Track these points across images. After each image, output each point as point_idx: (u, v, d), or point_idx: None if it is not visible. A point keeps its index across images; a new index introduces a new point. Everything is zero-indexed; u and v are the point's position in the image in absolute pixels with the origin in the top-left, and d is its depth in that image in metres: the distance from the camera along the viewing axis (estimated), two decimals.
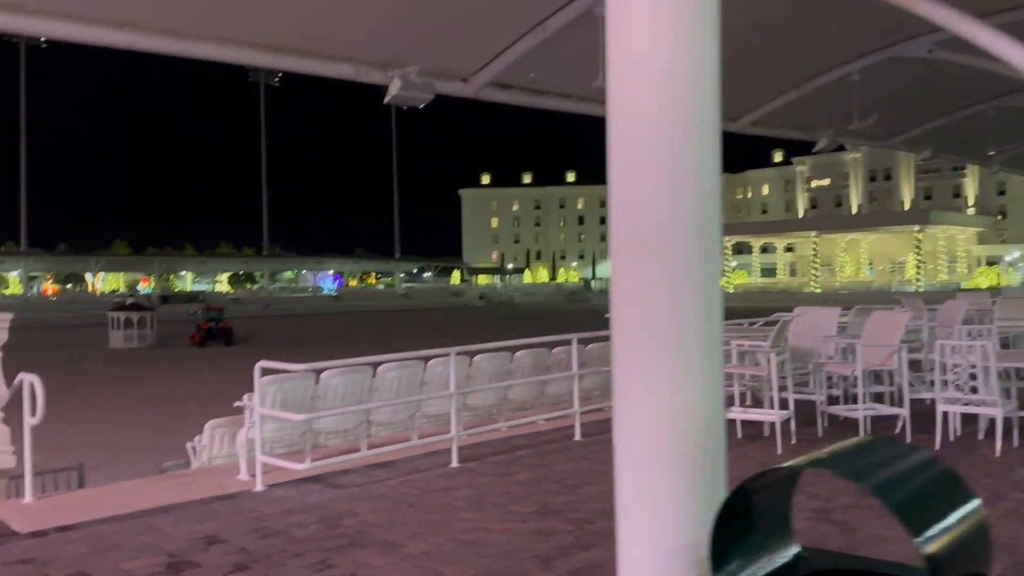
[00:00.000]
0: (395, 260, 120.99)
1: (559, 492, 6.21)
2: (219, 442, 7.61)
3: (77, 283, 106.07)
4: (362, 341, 47.34)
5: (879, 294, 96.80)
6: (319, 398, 7.21)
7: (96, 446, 18.66)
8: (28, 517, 5.81)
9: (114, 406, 24.86)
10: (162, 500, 6.16)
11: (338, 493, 6.35)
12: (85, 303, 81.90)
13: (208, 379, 31.35)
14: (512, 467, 7.09)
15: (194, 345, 46.19)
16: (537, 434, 8.49)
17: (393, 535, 5.23)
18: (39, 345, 51.85)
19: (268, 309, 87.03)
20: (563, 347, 9.40)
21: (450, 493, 6.25)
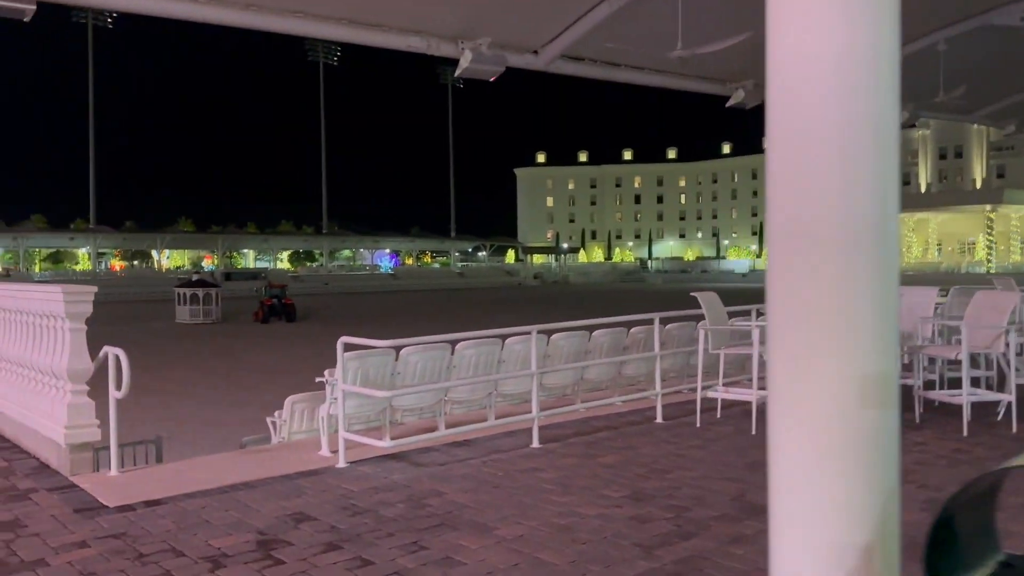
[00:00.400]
0: (450, 239, 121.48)
1: (649, 477, 5.99)
2: (299, 417, 7.57)
3: (143, 260, 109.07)
4: (422, 319, 47.62)
5: (948, 276, 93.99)
6: (398, 375, 7.09)
7: (168, 419, 19.07)
8: (115, 490, 5.82)
9: (183, 379, 25.42)
10: (247, 475, 6.12)
11: (421, 472, 6.23)
12: (151, 279, 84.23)
13: (273, 354, 31.88)
14: (595, 449, 6.89)
15: (257, 321, 47.06)
16: (616, 415, 8.27)
17: (483, 517, 5.08)
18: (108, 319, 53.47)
19: (327, 287, 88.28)
20: (640, 327, 9.14)
21: (535, 475, 6.07)
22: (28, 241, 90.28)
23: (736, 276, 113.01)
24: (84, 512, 5.30)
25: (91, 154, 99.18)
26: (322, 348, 37.62)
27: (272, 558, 4.44)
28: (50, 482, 6.07)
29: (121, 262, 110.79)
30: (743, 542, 4.59)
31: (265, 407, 21.80)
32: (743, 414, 8.28)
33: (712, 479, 5.91)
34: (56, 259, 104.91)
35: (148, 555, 4.51)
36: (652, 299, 72.37)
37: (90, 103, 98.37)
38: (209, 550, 4.58)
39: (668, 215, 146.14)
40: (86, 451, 6.34)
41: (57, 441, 6.35)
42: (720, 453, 6.72)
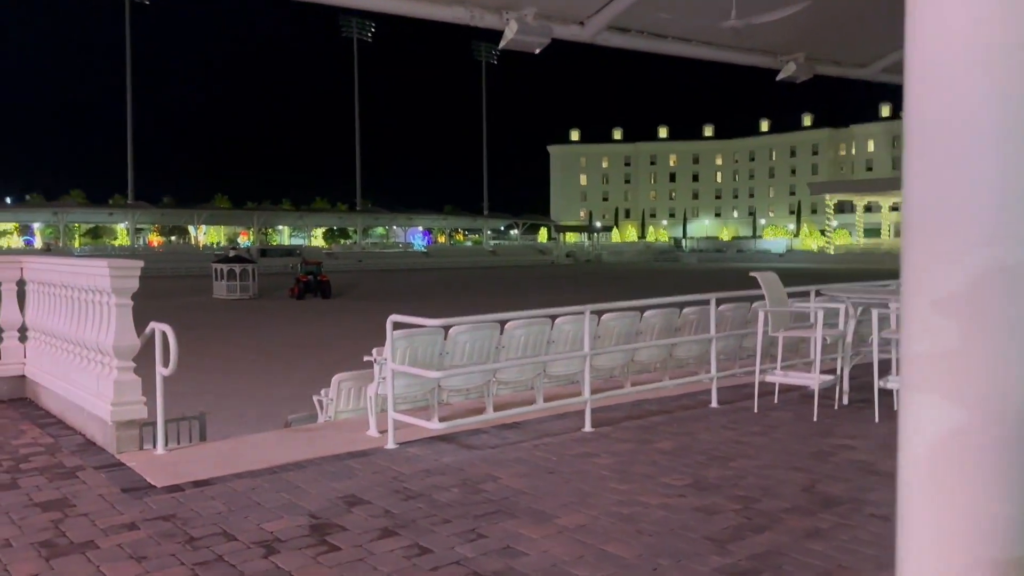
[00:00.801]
0: (483, 217, 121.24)
1: (710, 465, 5.74)
2: (346, 396, 7.42)
3: (181, 235, 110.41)
4: (457, 298, 47.63)
5: None
6: (447, 354, 6.90)
7: (208, 393, 19.18)
8: (162, 470, 5.71)
9: (222, 354, 25.61)
10: (295, 455, 5.98)
11: (473, 455, 6.05)
12: (188, 255, 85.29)
13: (310, 330, 32.04)
14: (650, 434, 6.65)
15: (293, 297, 47.42)
16: (668, 399, 8.01)
17: (541, 504, 4.87)
18: (147, 294, 54.04)
19: (361, 263, 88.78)
20: (692, 308, 8.85)
21: (591, 460, 5.85)
22: (68, 216, 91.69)
23: (773, 256, 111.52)
24: (132, 492, 5.19)
25: (129, 129, 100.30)
26: (358, 325, 38.00)
27: (327, 543, 4.28)
28: (97, 460, 5.98)
29: (159, 237, 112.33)
30: (821, 537, 4.33)
31: (304, 382, 21.93)
32: (801, 399, 7.98)
33: (778, 468, 5.65)
34: (95, 234, 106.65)
35: (199, 539, 4.37)
36: (690, 279, 71.56)
37: (127, 79, 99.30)
38: (261, 534, 4.43)
39: (704, 193, 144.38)
40: (132, 428, 6.25)
41: (103, 418, 6.26)
42: (782, 440, 6.45)
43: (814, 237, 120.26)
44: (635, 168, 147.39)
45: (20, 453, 6.17)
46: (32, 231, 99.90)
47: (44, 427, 7.02)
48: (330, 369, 24.82)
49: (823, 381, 7.13)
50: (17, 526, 4.60)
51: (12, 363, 8.30)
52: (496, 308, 7.54)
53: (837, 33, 12.03)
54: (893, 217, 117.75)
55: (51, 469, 5.74)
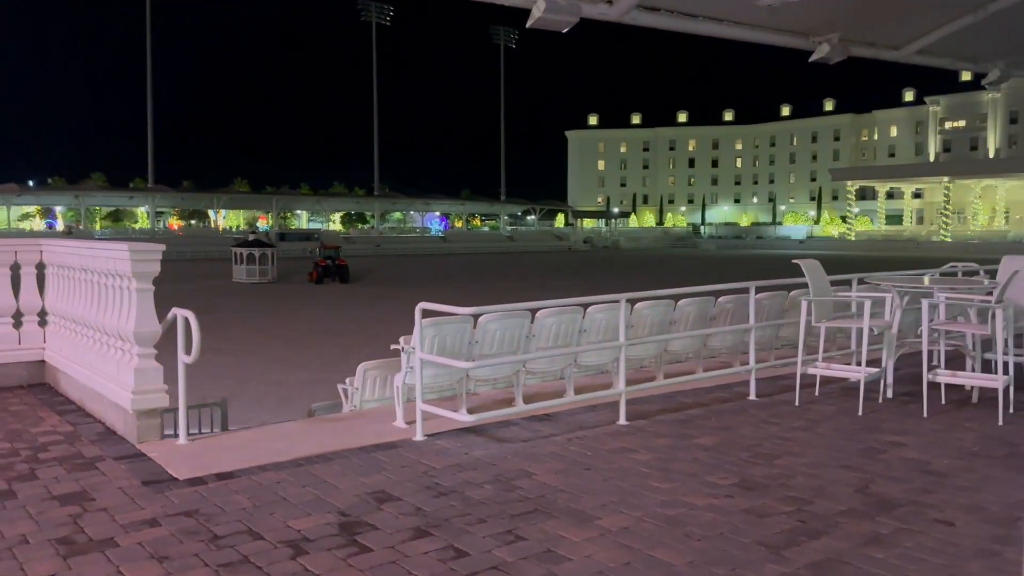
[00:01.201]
0: (500, 202, 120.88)
1: (755, 462, 5.47)
2: (371, 385, 7.20)
3: (200, 219, 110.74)
4: (476, 283, 47.45)
5: (1016, 245, 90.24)
6: (476, 343, 6.65)
7: (227, 378, 19.10)
8: (184, 461, 5.51)
9: (242, 339, 25.55)
10: (321, 447, 5.77)
11: (504, 448, 5.81)
12: (208, 239, 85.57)
13: (329, 315, 31.96)
14: (688, 429, 6.38)
15: (312, 281, 47.40)
16: (703, 391, 7.73)
17: (580, 504, 4.63)
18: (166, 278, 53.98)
19: (379, 248, 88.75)
20: (728, 296, 8.54)
21: (628, 456, 5.60)
22: (89, 199, 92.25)
23: (793, 243, 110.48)
24: (153, 485, 5.00)
25: (149, 113, 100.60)
26: (377, 310, 37.88)
27: (357, 544, 4.06)
28: (117, 450, 5.80)
29: (179, 221, 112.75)
30: (882, 544, 4.06)
31: (323, 368, 21.85)
32: (842, 392, 7.68)
33: (827, 467, 5.37)
34: (116, 217, 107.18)
35: (223, 537, 4.16)
36: (710, 266, 70.87)
37: (147, 63, 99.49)
38: (288, 533, 4.22)
39: (723, 179, 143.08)
40: (154, 418, 6.05)
41: (123, 407, 6.07)
42: (828, 436, 6.16)
43: (835, 224, 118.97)
44: (654, 153, 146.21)
45: (39, 442, 5.99)
46: (54, 214, 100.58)
47: (63, 414, 6.85)
48: (349, 355, 24.77)
49: (869, 374, 6.82)
50: (35, 521, 4.41)
51: (31, 348, 8.14)
52: (516, 294, 7.32)
53: (872, 14, 11.62)
54: (915, 204, 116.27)
55: (70, 459, 5.56)
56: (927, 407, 6.80)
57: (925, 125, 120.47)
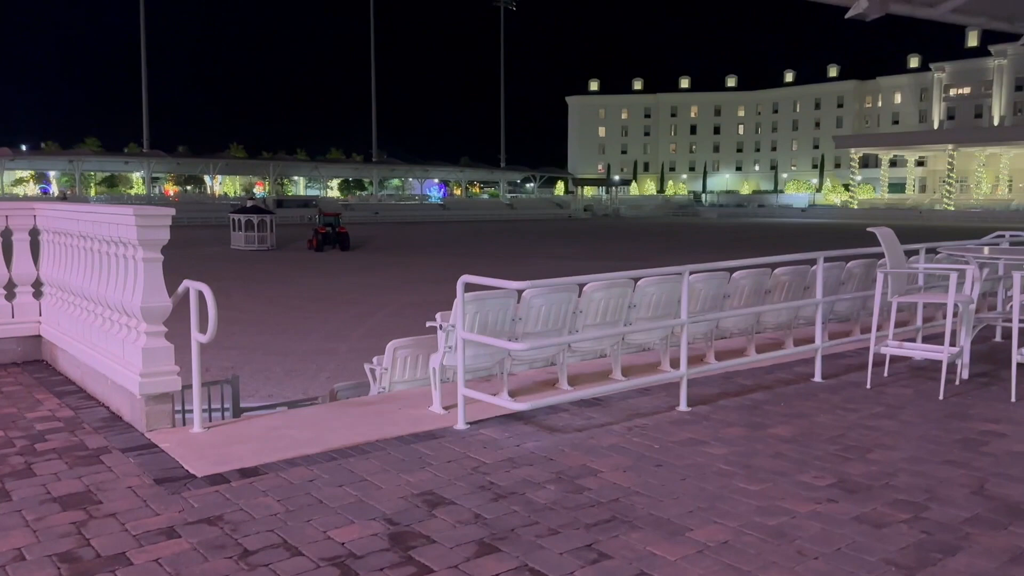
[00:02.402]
0: (500, 169, 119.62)
1: (846, 457, 4.85)
2: (401, 365, 6.56)
3: (196, 185, 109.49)
4: (480, 251, 46.78)
5: (1019, 214, 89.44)
6: (519, 320, 6.00)
7: (234, 347, 18.50)
8: (201, 453, 4.88)
9: (245, 307, 24.89)
10: (353, 436, 5.14)
11: (558, 440, 5.18)
12: (205, 205, 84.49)
13: (332, 283, 31.31)
14: (758, 416, 5.75)
15: (312, 249, 46.69)
16: (760, 371, 7.11)
17: (663, 510, 4.01)
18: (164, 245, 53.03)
19: (377, 215, 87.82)
20: (785, 268, 7.89)
21: (701, 450, 4.97)
22: (83, 164, 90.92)
23: (795, 211, 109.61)
24: (168, 484, 4.37)
25: (144, 77, 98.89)
26: (380, 278, 37.17)
27: (414, 563, 3.44)
28: (124, 439, 5.17)
29: (174, 187, 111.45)
30: None
31: (330, 336, 21.20)
32: (913, 373, 7.06)
33: (928, 462, 4.75)
34: (111, 183, 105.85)
35: (255, 552, 3.54)
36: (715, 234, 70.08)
37: (141, 25, 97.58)
38: (331, 547, 3.59)
39: (725, 147, 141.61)
40: (165, 402, 5.41)
41: (131, 390, 5.43)
42: (916, 424, 5.54)
43: (837, 192, 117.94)
44: (655, 120, 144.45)
45: (36, 430, 5.36)
46: (48, 180, 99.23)
47: (62, 396, 6.21)
48: (354, 324, 24.16)
49: (953, 353, 6.19)
50: (32, 530, 3.78)
51: (26, 321, 7.48)
52: (525, 260, 6.66)
53: None
54: (919, 172, 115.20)
55: (71, 451, 4.93)
56: (1016, 391, 6.18)
57: (929, 92, 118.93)
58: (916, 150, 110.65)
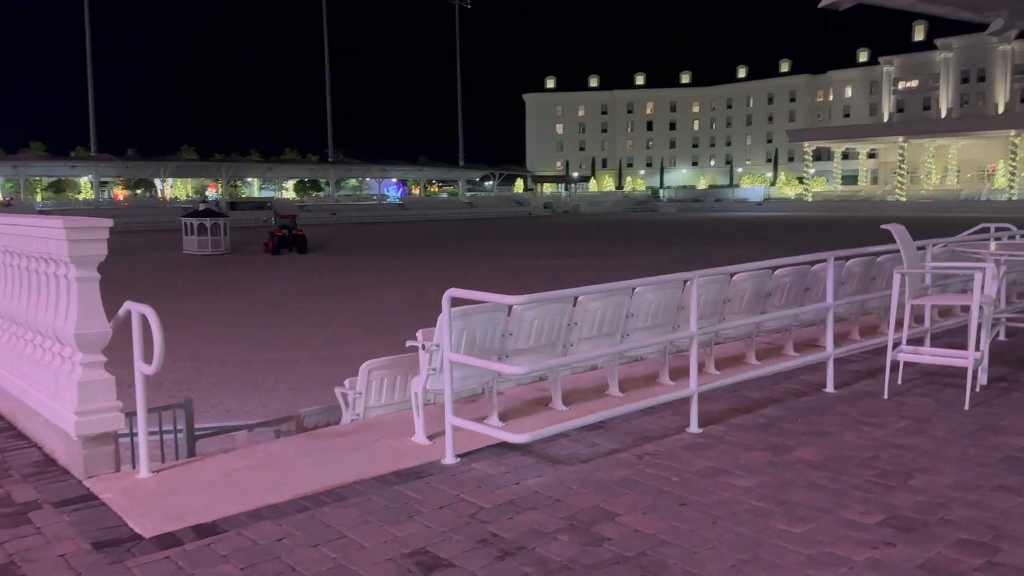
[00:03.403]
0: (458, 168, 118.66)
1: (887, 485, 4.32)
2: (377, 388, 5.90)
3: (147, 189, 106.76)
4: (444, 251, 45.99)
5: (967, 203, 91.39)
6: (510, 336, 5.38)
7: (187, 359, 17.54)
8: (149, 506, 4.18)
9: (198, 315, 23.85)
10: (326, 477, 4.47)
11: (562, 474, 4.57)
12: (156, 209, 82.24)
13: (289, 288, 30.28)
14: (776, 436, 5.21)
15: (268, 252, 45.45)
16: (767, 381, 6.58)
17: (701, 567, 3.42)
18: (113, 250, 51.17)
19: (335, 216, 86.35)
20: (786, 269, 7.38)
21: (725, 482, 4.40)
22: (28, 169, 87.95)
23: (751, 205, 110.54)
24: (109, 550, 3.66)
25: (90, 78, 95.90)
26: (340, 282, 36.15)
27: None
28: (58, 489, 4.43)
29: (124, 191, 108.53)
30: None
31: (289, 345, 20.30)
32: (927, 378, 6.60)
33: (978, 488, 4.24)
34: (58, 188, 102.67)
35: None
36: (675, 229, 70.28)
37: (86, 25, 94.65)
38: None
39: (681, 142, 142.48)
40: (105, 444, 4.68)
41: (65, 430, 4.69)
42: (948, 441, 5.04)
43: (791, 185, 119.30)
44: (612, 117, 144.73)
45: None
46: None
47: None
48: (314, 331, 23.25)
49: (974, 359, 5.72)
50: None
51: None
52: (491, 261, 6.04)
53: None
54: (870, 164, 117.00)
55: None
56: None
57: (879, 85, 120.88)
58: (868, 143, 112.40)
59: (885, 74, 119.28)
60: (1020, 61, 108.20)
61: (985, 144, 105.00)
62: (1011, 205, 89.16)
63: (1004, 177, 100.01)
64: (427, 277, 31.50)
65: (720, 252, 39.07)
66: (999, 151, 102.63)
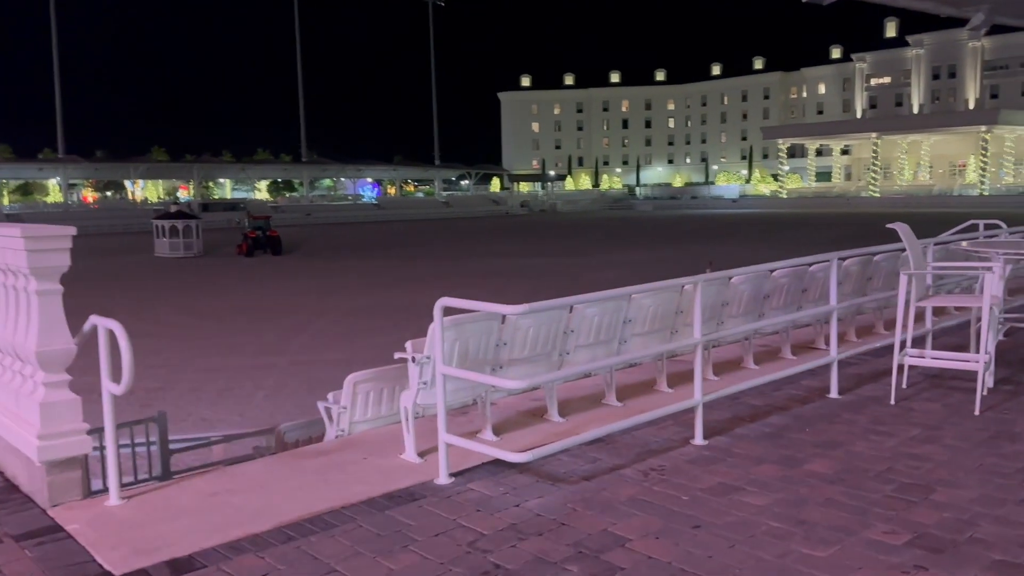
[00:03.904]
0: (434, 167, 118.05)
1: (907, 500, 4.09)
2: (363, 402, 5.59)
3: (117, 191, 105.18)
4: (423, 252, 45.54)
5: (940, 199, 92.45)
6: (504, 345, 5.10)
7: (160, 366, 17.08)
8: (120, 538, 3.84)
9: (171, 320, 23.33)
10: (313, 502, 4.16)
11: (564, 493, 4.29)
12: (126, 211, 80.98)
13: (264, 291, 29.76)
14: (784, 447, 4.97)
15: (241, 254, 44.79)
16: (768, 386, 6.34)
17: None
18: (84, 254, 50.26)
19: (310, 217, 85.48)
20: (783, 271, 7.16)
21: (739, 500, 4.15)
22: None
23: (726, 202, 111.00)
24: None
25: (56, 80, 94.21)
26: (316, 285, 35.54)
27: None
28: (20, 520, 4.08)
29: (93, 193, 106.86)
30: None
31: (264, 350, 19.85)
32: (930, 381, 6.41)
33: (1004, 502, 4.03)
34: (25, 191, 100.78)
35: None
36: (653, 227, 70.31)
37: (52, 23, 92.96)
38: None
39: (656, 140, 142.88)
40: (71, 469, 4.34)
41: (27, 455, 4.34)
42: (965, 451, 4.83)
43: (766, 182, 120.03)
44: (587, 115, 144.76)
45: None
46: None
47: None
48: (292, 334, 22.78)
49: (985, 362, 5.52)
50: None
51: None
52: (470, 260, 5.75)
53: None
54: (844, 160, 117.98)
55: None
56: None
57: (852, 82, 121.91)
58: (841, 139, 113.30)
59: (858, 71, 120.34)
60: (990, 57, 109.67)
61: (956, 140, 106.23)
62: (983, 200, 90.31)
63: (975, 172, 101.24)
64: (406, 278, 31.13)
65: (700, 249, 39.06)
66: (970, 147, 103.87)
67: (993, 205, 76.65)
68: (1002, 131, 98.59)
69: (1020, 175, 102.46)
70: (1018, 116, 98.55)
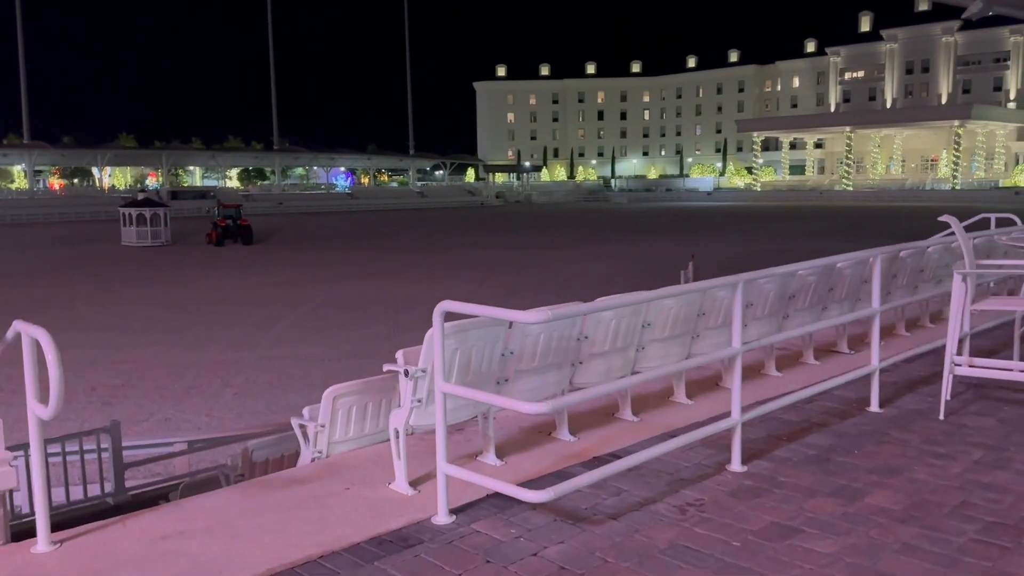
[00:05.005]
0: (409, 157, 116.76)
1: (1001, 545, 3.43)
2: (343, 419, 4.83)
3: (84, 178, 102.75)
4: (397, 244, 44.64)
5: (913, 193, 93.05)
6: (510, 355, 4.37)
7: (122, 362, 16.16)
8: None
9: (136, 312, 22.31)
10: (285, 550, 3.41)
11: (589, 537, 3.58)
12: (93, 199, 79.08)
13: (233, 282, 28.76)
14: (835, 475, 4.30)
15: (211, 243, 43.63)
16: (803, 403, 5.66)
17: None
18: (50, 242, 48.74)
19: (281, 206, 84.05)
20: (809, 268, 6.50)
21: (799, 546, 3.46)
22: None
23: (701, 195, 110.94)
24: None
25: (21, 63, 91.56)
26: (287, 275, 34.46)
27: None
28: None
29: (60, 180, 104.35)
30: None
31: (234, 344, 18.90)
32: (976, 392, 5.78)
33: None
34: None
35: None
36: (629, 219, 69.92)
37: (17, 7, 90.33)
38: None
39: (631, 132, 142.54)
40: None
41: None
42: None
43: (740, 175, 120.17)
44: (563, 106, 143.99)
45: None
46: None
47: None
48: (262, 328, 21.83)
49: None
50: None
51: None
52: (449, 252, 5.03)
53: None
54: (818, 154, 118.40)
55: None
56: None
57: (826, 76, 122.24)
58: (815, 133, 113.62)
59: (832, 64, 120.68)
60: (963, 52, 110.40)
61: (929, 134, 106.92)
62: (955, 194, 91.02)
63: (947, 167, 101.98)
64: (381, 271, 30.26)
65: (679, 241, 38.56)
66: (942, 141, 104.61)
67: (965, 200, 77.17)
68: (974, 126, 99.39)
69: (991, 170, 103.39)
70: (990, 111, 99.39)
